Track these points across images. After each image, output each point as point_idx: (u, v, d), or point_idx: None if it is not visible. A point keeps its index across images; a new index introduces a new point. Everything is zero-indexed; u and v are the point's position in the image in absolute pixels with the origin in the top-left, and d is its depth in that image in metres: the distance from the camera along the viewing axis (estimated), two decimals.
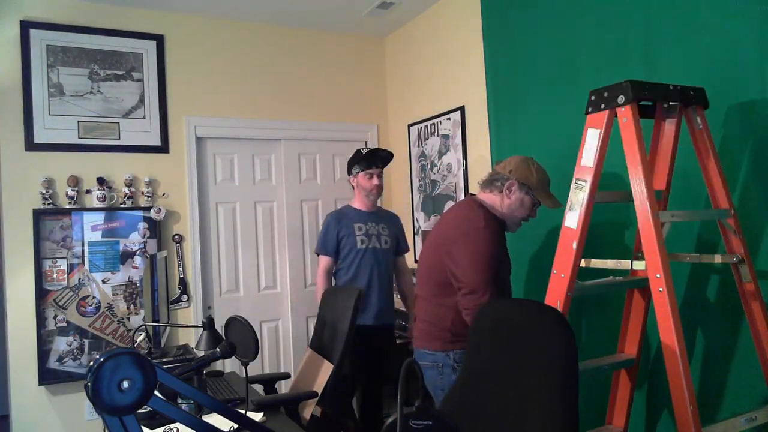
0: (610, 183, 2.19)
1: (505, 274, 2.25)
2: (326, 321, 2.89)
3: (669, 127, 1.86)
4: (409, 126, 3.94)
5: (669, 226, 1.74)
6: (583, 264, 1.85)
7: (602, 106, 1.75)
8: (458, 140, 3.42)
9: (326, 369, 2.64)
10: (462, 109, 3.39)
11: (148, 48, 3.47)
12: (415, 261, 3.89)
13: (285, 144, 3.89)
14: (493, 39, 3.05)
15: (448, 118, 3.52)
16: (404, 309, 3.32)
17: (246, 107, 3.76)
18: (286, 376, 3.00)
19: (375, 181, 2.99)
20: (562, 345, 1.41)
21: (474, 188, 3.34)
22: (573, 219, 1.79)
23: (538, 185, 2.14)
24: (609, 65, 2.33)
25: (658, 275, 1.60)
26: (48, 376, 3.11)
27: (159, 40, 3.50)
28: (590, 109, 1.79)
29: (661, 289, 1.59)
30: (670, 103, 1.81)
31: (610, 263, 1.88)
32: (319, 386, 2.61)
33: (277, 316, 3.85)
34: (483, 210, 2.15)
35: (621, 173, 2.07)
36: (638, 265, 1.80)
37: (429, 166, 3.74)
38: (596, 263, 1.90)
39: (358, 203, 3.09)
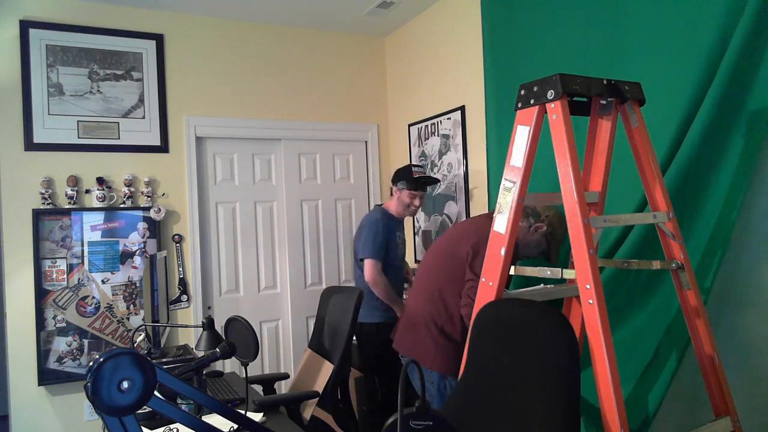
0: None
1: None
2: (326, 322, 2.89)
3: (605, 124, 1.72)
4: (410, 126, 3.94)
5: (601, 232, 1.62)
6: (513, 272, 1.75)
7: (531, 101, 1.61)
8: (459, 140, 3.42)
9: (326, 369, 2.64)
10: (462, 108, 3.38)
11: (148, 48, 3.47)
12: (416, 261, 3.89)
13: (285, 144, 3.89)
14: (493, 38, 3.04)
15: (449, 118, 3.52)
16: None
17: (246, 107, 3.76)
18: (285, 376, 3.00)
19: (417, 201, 3.11)
20: (564, 345, 1.40)
21: (474, 188, 3.34)
22: (501, 223, 1.67)
23: (558, 242, 2.26)
24: (610, 65, 2.32)
25: (588, 286, 1.47)
26: (47, 377, 3.11)
27: (159, 39, 3.50)
28: (519, 105, 1.65)
29: (591, 301, 1.46)
30: (608, 99, 1.68)
31: (539, 271, 1.74)
32: (319, 386, 2.61)
33: (277, 316, 3.85)
34: None
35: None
36: (569, 274, 1.65)
37: (429, 166, 3.73)
38: (526, 271, 1.77)
39: (395, 210, 3.14)
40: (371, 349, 3.06)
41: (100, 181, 3.29)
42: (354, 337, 3.24)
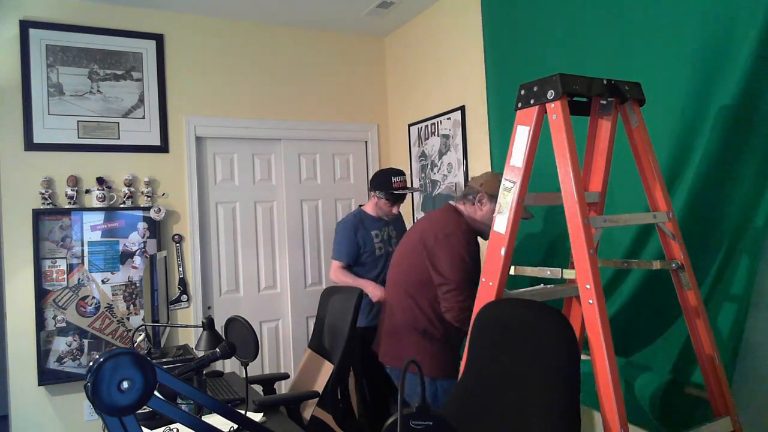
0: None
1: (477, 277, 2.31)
2: (326, 322, 2.89)
3: (605, 124, 1.72)
4: (410, 126, 3.94)
5: (602, 231, 1.63)
6: (513, 272, 1.75)
7: (531, 101, 1.62)
8: (459, 140, 3.42)
9: (326, 369, 2.64)
10: (462, 108, 3.38)
11: (148, 48, 3.47)
12: None
13: (285, 144, 3.89)
14: (493, 38, 3.04)
15: (449, 118, 3.52)
16: None
17: (246, 107, 3.76)
18: (285, 376, 3.00)
19: (395, 210, 3.12)
20: (564, 345, 1.40)
21: None
22: (501, 223, 1.67)
23: None
24: (611, 64, 2.32)
25: (588, 286, 1.47)
26: (47, 377, 3.11)
27: (159, 39, 3.50)
28: (519, 105, 1.66)
29: (591, 301, 1.47)
30: (608, 99, 1.67)
31: (539, 271, 1.75)
32: (319, 386, 2.61)
33: (277, 316, 3.84)
34: (461, 216, 2.34)
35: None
36: (569, 274, 1.66)
37: (429, 166, 3.73)
38: (526, 271, 1.78)
39: (372, 211, 3.15)
40: (359, 353, 3.02)
41: (100, 181, 3.29)
42: None
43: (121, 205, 3.33)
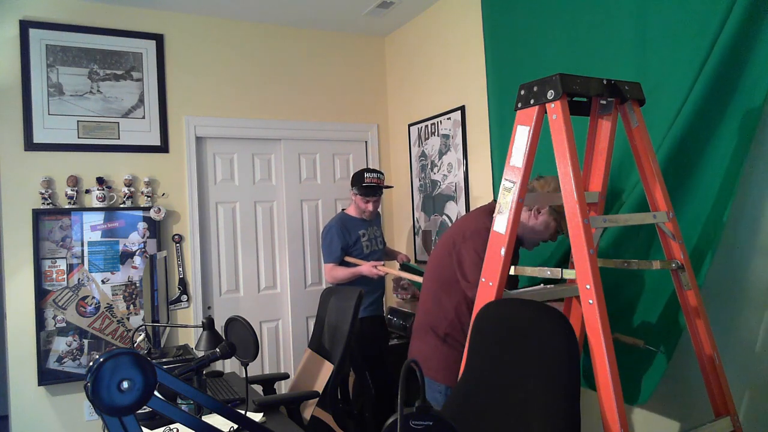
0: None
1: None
2: (326, 322, 2.89)
3: (605, 124, 1.72)
4: (410, 126, 3.94)
5: (601, 231, 1.61)
6: (513, 272, 1.74)
7: (531, 101, 1.62)
8: (459, 140, 3.42)
9: (326, 369, 2.64)
10: (462, 108, 3.38)
11: (148, 48, 3.47)
12: (416, 261, 3.89)
13: (285, 144, 3.89)
14: (493, 38, 3.04)
15: (449, 118, 3.52)
16: (407, 310, 3.55)
17: (246, 107, 3.76)
18: (285, 376, 3.00)
19: (370, 206, 3.29)
20: (564, 345, 1.40)
21: (474, 188, 3.34)
22: (501, 223, 1.67)
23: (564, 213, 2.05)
24: (612, 64, 2.32)
25: (588, 286, 1.47)
26: (47, 377, 3.11)
27: (159, 39, 3.50)
28: (519, 105, 1.66)
29: (591, 301, 1.46)
30: (608, 99, 1.67)
31: (539, 271, 1.74)
32: (319, 387, 2.61)
33: (277, 316, 3.84)
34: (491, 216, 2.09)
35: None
36: (569, 274, 1.64)
37: (429, 166, 3.73)
38: (526, 271, 1.78)
39: (355, 212, 3.34)
40: (356, 345, 3.05)
41: (100, 181, 3.29)
42: None
43: (121, 205, 3.33)
